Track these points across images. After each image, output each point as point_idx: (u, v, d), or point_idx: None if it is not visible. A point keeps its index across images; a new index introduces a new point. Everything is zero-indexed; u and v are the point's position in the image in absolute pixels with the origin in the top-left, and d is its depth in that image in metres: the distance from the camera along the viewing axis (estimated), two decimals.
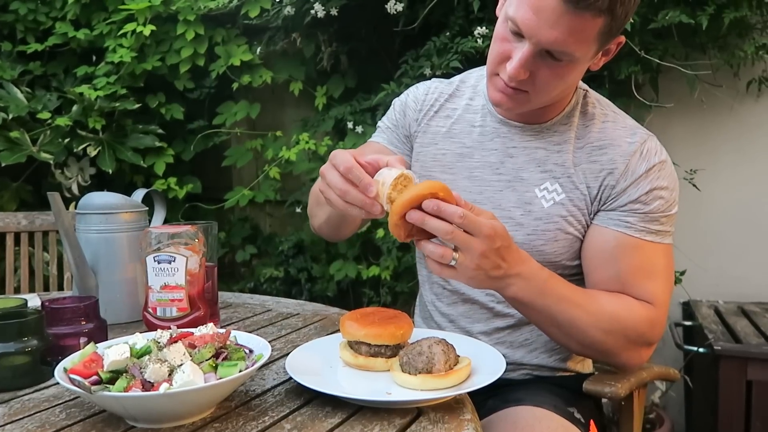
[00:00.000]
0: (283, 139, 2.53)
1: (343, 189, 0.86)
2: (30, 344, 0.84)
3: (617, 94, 2.08)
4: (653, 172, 1.01)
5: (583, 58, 0.95)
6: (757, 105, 2.23)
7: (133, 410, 0.70)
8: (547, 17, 0.88)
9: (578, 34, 0.90)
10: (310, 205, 1.26)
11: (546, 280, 0.94)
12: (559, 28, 0.89)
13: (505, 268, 0.88)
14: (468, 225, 0.82)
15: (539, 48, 0.92)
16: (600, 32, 0.91)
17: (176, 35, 2.43)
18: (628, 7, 0.90)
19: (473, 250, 0.84)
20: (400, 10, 2.12)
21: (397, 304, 2.38)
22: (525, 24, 0.91)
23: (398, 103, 1.24)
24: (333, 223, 1.15)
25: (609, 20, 0.89)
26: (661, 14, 1.90)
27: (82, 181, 2.54)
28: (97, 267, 1.13)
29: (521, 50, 0.93)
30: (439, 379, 0.77)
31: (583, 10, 0.87)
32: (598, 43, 0.94)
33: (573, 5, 0.86)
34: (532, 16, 0.89)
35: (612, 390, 1.04)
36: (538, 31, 0.90)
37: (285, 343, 1.03)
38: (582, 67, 0.98)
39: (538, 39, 0.91)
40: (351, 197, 0.85)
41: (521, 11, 0.91)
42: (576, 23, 0.88)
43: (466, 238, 0.83)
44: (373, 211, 0.85)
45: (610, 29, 0.92)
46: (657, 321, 1.00)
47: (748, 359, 1.77)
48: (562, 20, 0.88)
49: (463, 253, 0.85)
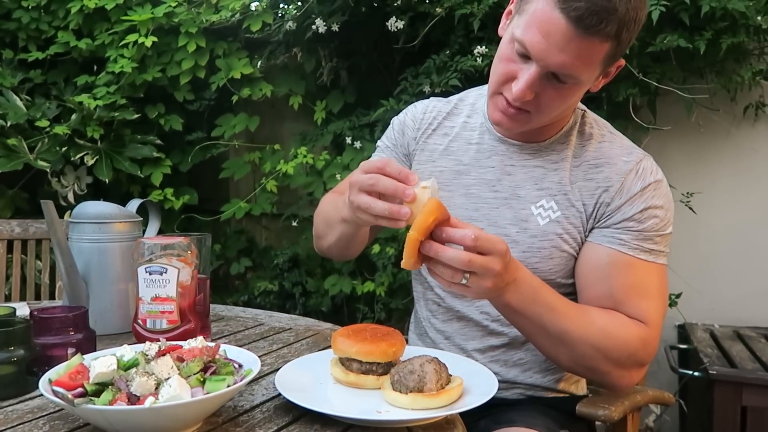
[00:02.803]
0: (281, 152, 2.54)
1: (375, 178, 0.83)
2: (16, 354, 0.82)
3: (615, 115, 2.09)
4: (648, 191, 1.02)
5: (587, 80, 0.96)
6: (753, 130, 2.24)
7: (117, 424, 0.68)
8: (556, 41, 0.89)
9: (586, 58, 0.91)
10: (318, 227, 1.23)
11: (538, 288, 0.93)
12: (568, 52, 0.90)
13: (507, 278, 0.87)
14: (482, 247, 0.81)
15: (546, 71, 0.93)
16: (606, 56, 0.93)
17: (178, 47, 2.45)
18: (632, 33, 0.92)
19: (491, 270, 0.83)
20: (401, 28, 2.14)
21: (391, 321, 2.37)
22: (534, 47, 0.91)
23: (397, 122, 1.24)
24: (344, 241, 1.11)
25: (615, 45, 0.91)
26: (660, 38, 1.92)
27: (79, 189, 2.53)
28: (89, 277, 1.12)
29: (528, 72, 0.94)
30: (431, 399, 0.76)
31: (592, 36, 0.88)
32: (602, 67, 0.95)
33: (583, 30, 0.87)
34: (542, 39, 0.90)
35: (605, 413, 1.03)
36: (547, 54, 0.91)
37: (276, 358, 1.02)
38: (585, 89, 1.00)
39: (546, 62, 0.91)
40: (382, 185, 0.83)
41: (530, 34, 0.91)
42: (584, 48, 0.89)
43: (483, 262, 0.82)
44: (405, 196, 0.81)
45: (615, 54, 0.93)
46: (649, 341, 0.99)
47: (743, 384, 1.75)
48: (572, 45, 0.89)
49: (479, 276, 0.83)
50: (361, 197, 0.85)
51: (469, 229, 0.81)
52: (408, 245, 0.81)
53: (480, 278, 0.83)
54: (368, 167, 0.85)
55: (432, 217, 0.81)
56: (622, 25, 0.89)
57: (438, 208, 0.81)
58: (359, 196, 0.86)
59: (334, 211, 1.08)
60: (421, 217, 0.81)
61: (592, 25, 0.87)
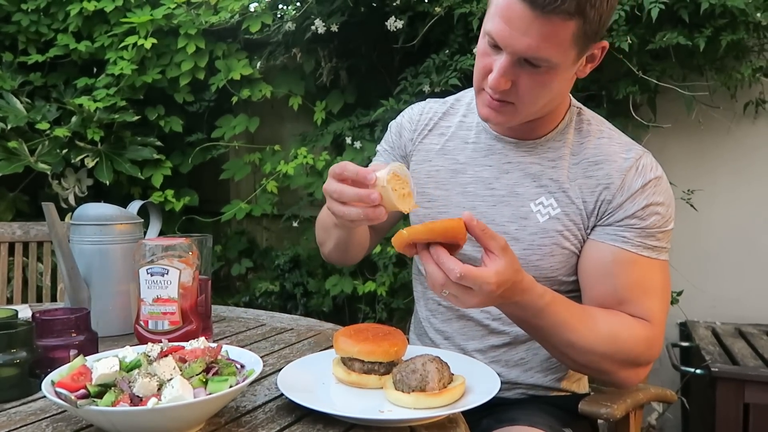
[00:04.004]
0: (282, 153, 2.54)
1: (339, 189, 0.86)
2: (19, 356, 0.82)
3: (615, 113, 2.09)
4: (649, 188, 1.01)
5: (563, 63, 0.94)
6: (753, 127, 2.24)
7: (120, 425, 0.69)
8: (518, 26, 0.90)
9: (551, 39, 0.90)
10: (318, 234, 1.26)
11: (544, 306, 0.92)
12: (531, 34, 0.89)
13: (501, 301, 0.88)
14: (466, 283, 0.82)
15: (516, 57, 0.93)
16: (575, 36, 0.91)
17: (177, 49, 2.45)
18: (601, 10, 0.90)
19: (468, 299, 0.84)
20: (400, 28, 2.14)
21: (392, 321, 2.37)
22: (499, 35, 0.92)
23: (394, 125, 1.25)
24: (342, 246, 1.15)
25: (581, 23, 0.89)
26: (659, 36, 1.92)
27: (79, 192, 2.53)
28: (91, 279, 1.12)
29: (499, 61, 0.94)
30: (433, 398, 0.76)
31: (550, 14, 0.87)
32: (576, 48, 0.93)
33: (540, 10, 0.87)
34: (504, 26, 0.91)
35: (608, 411, 1.03)
36: (511, 40, 0.91)
37: (278, 358, 1.02)
38: (565, 74, 0.97)
39: (513, 48, 0.92)
40: (347, 195, 0.86)
41: (494, 23, 0.93)
42: (547, 28, 0.89)
43: (461, 291, 0.83)
44: (371, 200, 0.84)
45: (585, 32, 0.91)
46: (654, 340, 1.00)
47: (745, 381, 1.75)
48: (533, 27, 0.89)
49: (458, 298, 0.84)
50: (332, 184, 0.88)
51: (457, 266, 0.80)
52: (397, 236, 0.83)
53: (459, 300, 0.85)
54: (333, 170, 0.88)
55: (429, 234, 0.81)
56: (584, 1, 0.87)
57: (441, 232, 0.81)
58: (330, 184, 0.88)
59: (328, 218, 1.10)
60: (420, 227, 0.82)
61: (547, 3, 0.86)
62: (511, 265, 0.84)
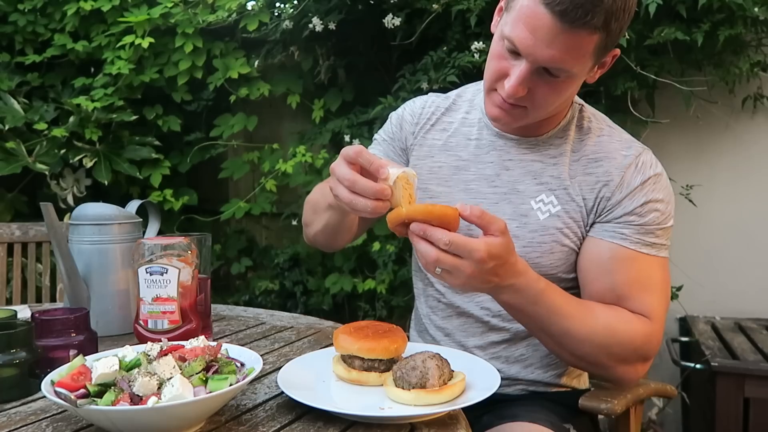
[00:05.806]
0: (280, 151, 2.54)
1: (352, 178, 0.85)
2: (18, 356, 0.82)
3: (614, 109, 2.09)
4: (648, 185, 1.01)
5: (580, 73, 0.96)
6: (752, 122, 2.24)
7: (120, 424, 0.69)
8: (543, 36, 0.89)
9: (575, 51, 0.90)
10: (306, 214, 1.24)
11: (540, 291, 0.92)
12: (556, 46, 0.89)
13: (497, 281, 0.87)
14: (456, 250, 0.82)
15: (536, 66, 0.92)
16: (596, 48, 0.92)
17: (175, 48, 2.44)
18: (622, 23, 0.91)
19: (460, 271, 0.83)
20: (398, 25, 2.13)
21: (392, 318, 2.37)
22: (522, 43, 0.91)
23: (395, 116, 1.24)
24: (330, 229, 1.12)
25: (604, 36, 0.90)
26: (657, 31, 1.92)
27: (78, 192, 2.53)
28: (90, 278, 1.12)
29: (519, 68, 0.94)
30: (433, 395, 0.76)
31: (579, 29, 0.88)
32: (594, 58, 0.95)
33: (569, 24, 0.87)
34: (529, 35, 0.90)
35: (608, 406, 1.03)
36: (534, 50, 0.90)
37: (278, 356, 1.02)
38: (579, 81, 0.99)
39: (535, 57, 0.91)
40: (359, 186, 0.85)
41: (517, 30, 0.91)
42: (572, 41, 0.89)
43: (453, 261, 0.82)
44: (383, 195, 0.84)
45: (606, 44, 0.93)
46: (653, 335, 0.99)
47: (745, 376, 1.76)
48: (559, 39, 0.88)
49: (450, 273, 0.84)
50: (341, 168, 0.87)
51: (445, 234, 0.81)
52: (394, 212, 0.83)
53: (450, 275, 0.84)
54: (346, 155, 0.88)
55: (426, 216, 0.81)
56: (610, 15, 0.88)
57: (439, 215, 0.81)
58: (341, 168, 0.87)
59: (322, 198, 1.09)
60: (419, 206, 0.82)
61: (577, 18, 0.86)
62: (506, 244, 0.84)
